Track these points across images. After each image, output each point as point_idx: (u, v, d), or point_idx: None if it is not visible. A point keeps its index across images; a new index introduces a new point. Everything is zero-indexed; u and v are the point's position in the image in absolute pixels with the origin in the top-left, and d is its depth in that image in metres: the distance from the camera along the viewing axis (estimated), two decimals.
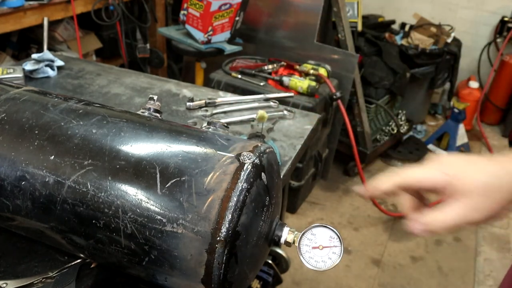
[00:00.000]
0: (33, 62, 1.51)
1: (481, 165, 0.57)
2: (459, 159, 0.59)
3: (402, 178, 0.60)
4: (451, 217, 0.57)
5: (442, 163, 0.59)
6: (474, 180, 0.56)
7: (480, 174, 0.56)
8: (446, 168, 0.58)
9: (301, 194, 2.66)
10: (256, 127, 1.27)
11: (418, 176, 0.59)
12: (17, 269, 0.70)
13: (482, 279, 2.33)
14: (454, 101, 3.41)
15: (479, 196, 0.55)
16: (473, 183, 0.55)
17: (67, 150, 0.61)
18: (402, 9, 3.96)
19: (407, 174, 0.60)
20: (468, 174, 0.56)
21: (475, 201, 0.55)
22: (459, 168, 0.57)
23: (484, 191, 0.55)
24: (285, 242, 0.64)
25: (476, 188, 0.55)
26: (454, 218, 0.57)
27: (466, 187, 0.56)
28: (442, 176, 0.57)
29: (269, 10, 2.72)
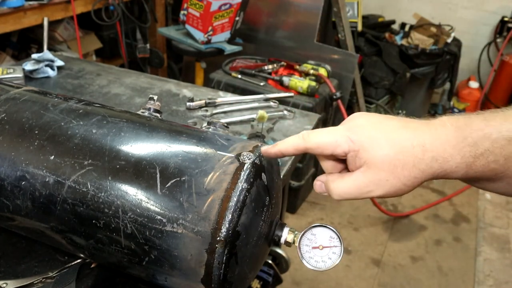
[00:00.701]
0: (33, 62, 1.51)
1: (392, 134, 0.52)
2: (371, 122, 0.54)
3: (305, 143, 0.56)
4: (350, 185, 0.54)
5: (351, 128, 0.54)
6: (380, 153, 0.51)
7: (387, 146, 0.51)
8: (354, 133, 0.53)
9: (301, 194, 2.66)
10: (256, 127, 1.27)
11: (321, 142, 0.55)
12: (17, 269, 0.70)
13: (482, 279, 2.33)
14: (454, 101, 3.41)
15: (383, 171, 0.51)
16: (378, 156, 0.51)
17: (67, 150, 0.61)
18: (402, 9, 3.96)
19: (311, 138, 0.55)
20: (375, 145, 0.52)
21: (378, 175, 0.52)
22: (368, 135, 0.53)
23: (388, 166, 0.51)
24: (285, 242, 0.64)
25: (381, 162, 0.51)
26: (352, 187, 0.54)
27: (370, 160, 0.52)
28: (346, 143, 0.53)
29: (269, 10, 2.72)
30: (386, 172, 0.51)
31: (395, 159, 0.51)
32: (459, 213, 2.82)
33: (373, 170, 0.52)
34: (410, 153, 0.51)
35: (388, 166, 0.51)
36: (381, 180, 0.52)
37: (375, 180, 0.52)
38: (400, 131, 0.52)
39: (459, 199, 2.93)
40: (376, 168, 0.52)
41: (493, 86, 3.75)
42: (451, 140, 0.50)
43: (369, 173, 0.52)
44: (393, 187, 0.52)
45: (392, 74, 3.13)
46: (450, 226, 2.72)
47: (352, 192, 0.54)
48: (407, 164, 0.51)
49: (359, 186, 0.53)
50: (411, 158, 0.51)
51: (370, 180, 0.52)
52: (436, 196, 2.92)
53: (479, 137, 0.50)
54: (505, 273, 2.39)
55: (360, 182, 0.53)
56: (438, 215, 2.80)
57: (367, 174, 0.53)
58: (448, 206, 2.88)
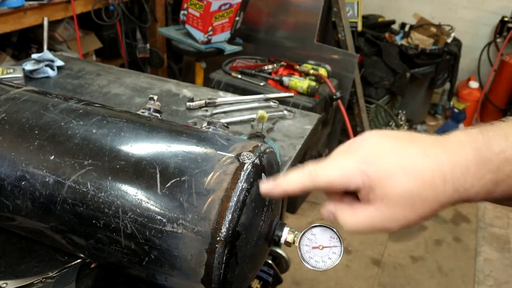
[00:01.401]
0: (33, 62, 1.51)
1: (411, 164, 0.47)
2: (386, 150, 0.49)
3: (314, 182, 0.51)
4: (363, 224, 0.50)
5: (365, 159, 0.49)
6: (399, 189, 0.47)
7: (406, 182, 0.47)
8: (369, 166, 0.48)
9: None
10: (256, 127, 1.27)
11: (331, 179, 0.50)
12: (17, 269, 0.70)
13: (482, 279, 2.33)
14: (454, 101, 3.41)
15: (400, 207, 0.47)
16: (396, 193, 0.47)
17: (67, 150, 0.61)
18: (402, 9, 3.96)
19: (319, 176, 0.51)
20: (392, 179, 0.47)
21: (395, 212, 0.48)
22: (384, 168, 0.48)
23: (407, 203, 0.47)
24: (285, 242, 0.64)
25: (400, 198, 0.47)
26: (366, 226, 0.50)
27: (388, 196, 0.47)
28: (360, 178, 0.48)
29: (269, 10, 2.72)
30: (404, 209, 0.48)
31: (414, 195, 0.47)
32: (459, 213, 2.82)
33: (390, 207, 0.48)
34: (430, 187, 0.47)
35: (407, 203, 0.47)
36: (397, 216, 0.48)
37: (391, 217, 0.48)
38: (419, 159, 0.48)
39: None
40: (394, 204, 0.48)
41: (493, 86, 3.75)
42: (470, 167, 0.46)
43: (385, 210, 0.48)
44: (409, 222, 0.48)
45: (392, 74, 3.13)
46: (450, 226, 2.72)
47: (365, 229, 0.50)
48: (428, 199, 0.47)
49: (373, 222, 0.50)
50: (432, 192, 0.47)
51: (386, 217, 0.49)
52: None
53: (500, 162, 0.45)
54: (505, 273, 2.39)
55: (375, 219, 0.49)
56: (438, 215, 2.80)
57: (383, 211, 0.48)
58: None
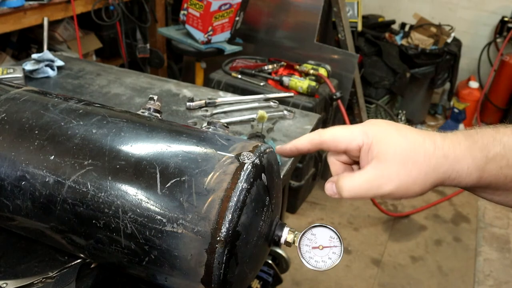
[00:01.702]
0: (33, 62, 1.51)
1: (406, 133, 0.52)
2: (387, 124, 0.54)
3: (319, 136, 0.56)
4: (359, 181, 0.52)
5: (366, 124, 0.54)
6: (392, 145, 0.51)
7: (399, 139, 0.51)
8: (369, 129, 0.53)
9: (301, 194, 2.66)
10: (256, 127, 1.27)
11: (336, 135, 0.54)
12: (17, 269, 0.70)
13: (482, 279, 2.33)
14: (454, 101, 3.41)
15: (394, 164, 0.50)
16: (390, 149, 0.51)
17: (67, 150, 0.61)
18: (402, 9, 3.96)
19: (326, 132, 0.55)
20: (388, 139, 0.51)
21: (388, 168, 0.51)
22: (382, 132, 0.52)
23: (399, 159, 0.50)
24: (285, 242, 0.64)
25: (392, 154, 0.51)
26: (361, 182, 0.52)
27: (383, 151, 0.51)
28: (361, 136, 0.53)
29: (269, 10, 2.72)
30: (397, 166, 0.50)
31: (406, 153, 0.50)
32: (459, 213, 2.82)
33: (384, 163, 0.51)
34: (421, 147, 0.50)
35: (399, 159, 0.50)
36: (391, 174, 0.51)
37: (385, 174, 0.51)
38: (413, 131, 0.53)
39: (459, 199, 2.93)
40: (387, 161, 0.51)
41: (493, 86, 3.75)
42: (461, 142, 0.50)
43: (380, 166, 0.51)
44: (403, 183, 0.51)
45: (392, 74, 3.13)
46: (450, 226, 2.72)
47: (362, 187, 0.52)
48: (418, 158, 0.50)
49: (369, 180, 0.52)
50: (422, 152, 0.50)
51: (380, 174, 0.51)
52: (436, 196, 2.92)
53: (489, 141, 0.49)
54: (505, 273, 2.39)
55: (371, 176, 0.52)
56: (438, 215, 2.80)
57: (378, 167, 0.51)
58: (448, 206, 2.88)
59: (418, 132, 0.52)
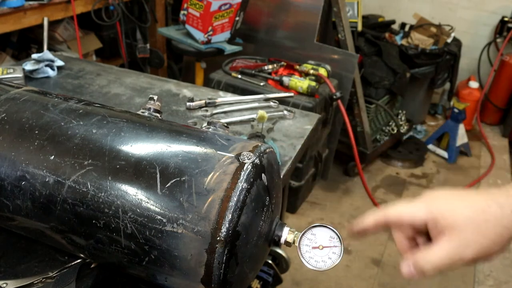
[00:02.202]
0: (33, 62, 1.51)
1: (469, 200, 0.55)
2: (446, 194, 0.57)
3: (384, 214, 0.58)
4: (440, 255, 0.54)
5: (428, 199, 0.57)
6: (460, 216, 0.53)
7: (467, 209, 0.53)
8: (432, 204, 0.56)
9: (301, 194, 2.66)
10: (256, 127, 1.27)
11: (399, 212, 0.57)
12: (17, 269, 0.70)
13: (482, 279, 2.33)
14: (454, 101, 3.41)
15: (467, 231, 0.52)
16: (460, 219, 0.53)
17: (67, 150, 0.61)
18: (402, 9, 3.96)
19: (390, 210, 0.58)
20: (454, 210, 0.54)
21: (464, 237, 0.53)
22: (445, 204, 0.55)
23: (471, 226, 0.52)
24: (285, 242, 0.64)
25: (463, 224, 0.53)
26: (443, 256, 0.54)
27: (453, 223, 0.53)
28: (425, 212, 0.55)
29: (269, 10, 2.72)
30: (471, 233, 0.52)
31: (475, 219, 0.52)
32: None
33: (457, 234, 0.53)
34: (488, 212, 0.52)
35: (471, 226, 0.52)
36: (469, 241, 0.52)
37: (462, 243, 0.53)
38: (474, 196, 0.55)
39: None
40: (460, 231, 0.53)
41: (493, 86, 3.75)
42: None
43: (454, 237, 0.53)
44: (483, 246, 0.52)
45: (392, 74, 3.12)
46: None
47: (444, 262, 0.54)
48: (489, 221, 0.52)
49: (449, 253, 0.53)
50: (491, 216, 0.52)
51: (458, 244, 0.53)
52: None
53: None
54: (505, 273, 2.39)
55: (449, 249, 0.53)
56: None
57: (453, 239, 0.53)
58: None
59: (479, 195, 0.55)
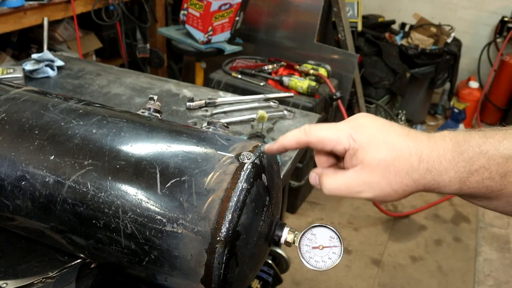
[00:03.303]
0: (33, 62, 1.51)
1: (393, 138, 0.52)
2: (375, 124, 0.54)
3: (307, 136, 0.56)
4: (341, 184, 0.54)
5: (354, 126, 0.54)
6: (377, 156, 0.52)
7: (385, 150, 0.52)
8: (356, 132, 0.54)
9: (301, 194, 2.66)
10: (256, 127, 1.27)
11: (323, 137, 0.55)
12: (17, 269, 0.70)
13: (482, 279, 2.33)
14: (454, 101, 3.41)
15: (376, 173, 0.52)
16: (374, 159, 0.52)
17: (67, 150, 0.61)
18: (402, 9, 3.96)
19: (313, 132, 0.56)
20: (374, 146, 0.52)
21: (370, 177, 0.52)
22: (369, 136, 0.53)
23: (382, 170, 0.52)
24: (285, 242, 0.64)
25: (376, 164, 0.52)
26: (343, 187, 0.54)
27: (367, 160, 0.52)
28: (347, 140, 0.54)
29: (269, 10, 2.72)
30: (378, 176, 0.52)
31: (390, 165, 0.51)
32: (459, 213, 2.82)
33: (366, 172, 0.53)
34: (406, 160, 0.51)
35: (382, 170, 0.52)
36: (372, 183, 0.52)
37: (366, 182, 0.53)
38: (401, 137, 0.53)
39: (459, 199, 2.91)
40: (370, 170, 0.52)
41: (493, 86, 3.75)
42: (447, 153, 0.51)
43: (362, 174, 0.53)
44: (382, 191, 0.52)
45: (392, 74, 3.13)
46: (450, 226, 2.72)
47: (342, 189, 0.54)
48: (401, 171, 0.51)
49: (350, 184, 0.54)
50: (406, 166, 0.51)
51: (362, 181, 0.53)
52: (436, 196, 2.91)
53: (475, 153, 0.50)
54: (505, 273, 2.39)
55: (352, 181, 0.54)
56: (438, 215, 2.80)
57: (360, 174, 0.53)
58: (448, 206, 2.88)
59: (406, 140, 0.52)
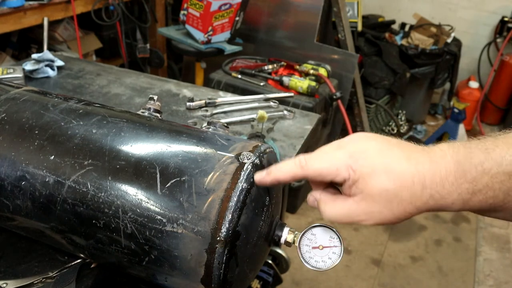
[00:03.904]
0: (33, 62, 1.51)
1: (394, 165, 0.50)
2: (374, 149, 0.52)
3: (303, 171, 0.54)
4: (341, 214, 0.53)
5: (353, 154, 0.52)
6: (378, 187, 0.50)
7: (387, 181, 0.50)
8: (356, 161, 0.52)
9: (301, 194, 2.66)
10: (256, 127, 1.27)
11: (321, 170, 0.53)
12: (17, 269, 0.70)
13: (482, 279, 2.33)
14: (454, 101, 3.41)
15: (378, 204, 0.51)
16: (376, 190, 0.50)
17: (67, 150, 0.61)
18: (402, 9, 3.96)
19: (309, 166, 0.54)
20: (375, 177, 0.50)
21: (372, 207, 0.51)
22: (369, 165, 0.51)
23: (384, 200, 0.50)
24: (285, 242, 0.64)
25: (378, 195, 0.50)
26: (343, 216, 0.53)
27: (368, 191, 0.51)
28: (347, 171, 0.52)
29: (269, 10, 2.72)
30: (380, 206, 0.51)
31: (392, 195, 0.50)
32: (459, 213, 2.82)
33: (368, 202, 0.51)
34: (409, 190, 0.50)
35: (384, 200, 0.50)
36: (374, 213, 0.52)
37: (368, 212, 0.52)
38: (403, 163, 0.51)
39: None
40: (372, 200, 0.51)
41: (493, 86, 3.75)
42: (449, 176, 0.49)
43: (363, 204, 0.52)
44: (384, 219, 0.52)
45: (392, 74, 3.13)
46: (450, 226, 2.72)
47: (342, 218, 0.54)
48: (404, 201, 0.50)
49: (350, 214, 0.53)
50: (409, 195, 0.50)
51: (363, 211, 0.52)
52: None
53: (478, 173, 0.48)
54: (505, 273, 2.39)
55: (353, 211, 0.53)
56: (438, 215, 2.80)
57: (361, 204, 0.52)
58: None
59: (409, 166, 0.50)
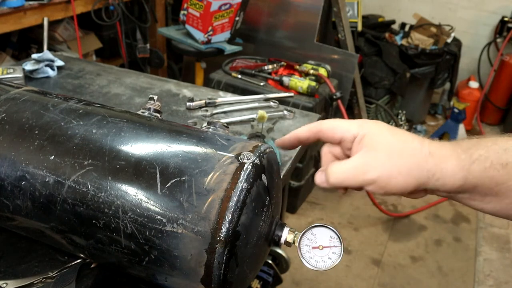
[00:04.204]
0: (33, 62, 1.51)
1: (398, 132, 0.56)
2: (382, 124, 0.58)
3: (319, 124, 0.60)
4: (346, 168, 0.55)
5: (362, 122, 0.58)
6: (383, 139, 0.55)
7: (390, 136, 0.55)
8: (365, 124, 0.57)
9: (301, 194, 2.67)
10: (256, 127, 1.27)
11: (334, 124, 0.59)
12: (17, 269, 0.70)
13: (482, 279, 2.33)
14: (454, 101, 3.41)
15: (380, 153, 0.54)
16: (380, 141, 0.54)
17: (67, 150, 0.61)
18: (402, 9, 3.96)
19: (324, 121, 0.60)
20: (380, 134, 0.55)
21: (375, 156, 0.54)
22: (376, 128, 0.56)
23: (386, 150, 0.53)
24: (285, 242, 0.64)
25: (380, 146, 0.54)
26: (348, 170, 0.55)
27: (372, 142, 0.54)
28: (356, 128, 0.56)
29: (269, 10, 2.72)
30: (383, 155, 0.53)
31: (394, 147, 0.54)
32: (459, 213, 2.82)
33: (370, 152, 0.54)
34: (409, 143, 0.54)
35: (386, 150, 0.54)
36: (377, 162, 0.53)
37: (371, 161, 0.54)
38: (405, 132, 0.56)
39: None
40: (374, 150, 0.54)
41: (493, 86, 3.75)
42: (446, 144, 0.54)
43: (367, 155, 0.54)
44: (387, 172, 0.53)
45: (392, 74, 3.13)
46: (450, 226, 2.72)
47: (348, 173, 0.55)
48: (405, 152, 0.53)
49: (356, 166, 0.55)
50: (409, 148, 0.53)
51: (367, 161, 0.54)
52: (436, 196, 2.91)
53: (473, 145, 0.52)
54: (505, 273, 2.39)
55: (358, 162, 0.55)
56: (438, 215, 2.80)
57: (365, 155, 0.54)
58: (448, 206, 2.88)
59: (409, 134, 0.56)
